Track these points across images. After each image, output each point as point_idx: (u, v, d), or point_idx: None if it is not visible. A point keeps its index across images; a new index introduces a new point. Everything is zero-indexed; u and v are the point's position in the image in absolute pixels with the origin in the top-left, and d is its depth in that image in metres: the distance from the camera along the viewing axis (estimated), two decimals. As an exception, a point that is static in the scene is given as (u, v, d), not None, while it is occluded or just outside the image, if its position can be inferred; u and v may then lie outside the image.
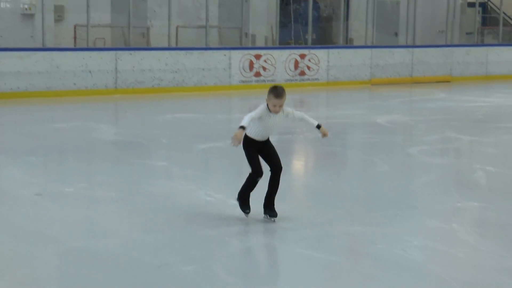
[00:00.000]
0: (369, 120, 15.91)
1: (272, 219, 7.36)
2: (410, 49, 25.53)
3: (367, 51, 24.62)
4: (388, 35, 27.59)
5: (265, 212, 7.45)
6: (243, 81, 22.19)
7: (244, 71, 22.18)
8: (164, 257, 6.38)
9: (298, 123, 8.14)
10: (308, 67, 23.35)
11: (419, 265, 6.24)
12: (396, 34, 27.72)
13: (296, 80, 23.10)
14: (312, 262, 6.26)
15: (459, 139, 13.65)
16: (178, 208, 8.17)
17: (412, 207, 8.35)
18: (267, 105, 7.19)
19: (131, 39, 21.42)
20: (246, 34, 24.84)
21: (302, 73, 23.27)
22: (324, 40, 27.01)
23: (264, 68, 22.55)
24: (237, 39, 24.21)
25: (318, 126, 7.46)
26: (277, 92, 7.15)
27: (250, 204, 7.51)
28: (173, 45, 22.77)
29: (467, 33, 29.46)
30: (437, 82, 25.25)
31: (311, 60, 23.38)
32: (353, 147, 13.34)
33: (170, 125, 15.21)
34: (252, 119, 7.09)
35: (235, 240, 6.88)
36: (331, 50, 24.04)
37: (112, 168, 10.75)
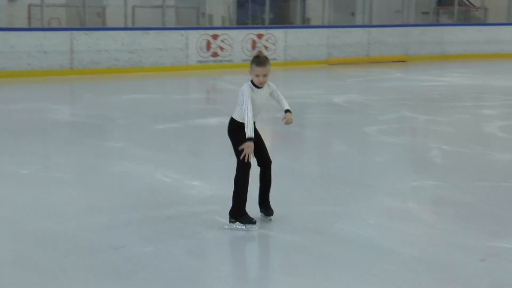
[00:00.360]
0: (326, 100, 15.96)
1: (269, 217, 6.84)
2: (367, 29, 25.63)
3: (324, 31, 24.67)
4: (344, 14, 27.66)
5: (261, 210, 6.92)
6: (200, 61, 22.10)
7: (202, 51, 22.09)
8: (122, 238, 6.34)
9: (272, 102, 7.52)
10: (266, 47, 23.33)
11: (376, 243, 6.28)
12: (352, 14, 27.81)
13: (253, 60, 23.03)
14: (271, 241, 6.27)
15: (415, 118, 13.76)
16: (135, 189, 8.13)
17: (368, 186, 8.40)
18: (251, 81, 6.64)
19: (86, 19, 21.20)
20: (203, 14, 24.73)
21: (260, 53, 23.22)
22: (282, 20, 27.01)
23: (222, 48, 22.48)
24: (194, 19, 24.12)
25: (287, 111, 6.97)
26: (259, 60, 6.58)
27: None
28: (130, 25, 22.58)
29: (423, 13, 29.63)
30: (394, 61, 25.40)
31: (269, 40, 23.36)
32: (310, 127, 13.37)
33: (127, 106, 15.10)
34: (250, 110, 6.54)
35: (192, 220, 6.86)
36: (288, 30, 24.04)
37: (68, 149, 10.65)
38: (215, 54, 22.38)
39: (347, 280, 5.43)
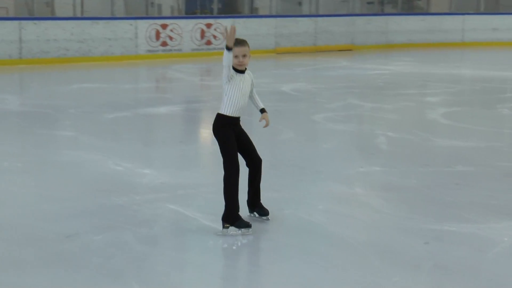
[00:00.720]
0: (274, 89, 15.98)
1: (265, 217, 6.42)
2: (314, 18, 25.74)
3: (272, 20, 24.71)
4: (292, 4, 27.74)
5: (252, 211, 6.49)
6: (149, 51, 21.98)
7: (151, 40, 21.97)
8: (73, 226, 6.30)
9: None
10: (214, 36, 23.29)
11: (324, 228, 6.33)
12: (299, 4, 27.89)
13: (202, 49, 23.02)
14: (220, 227, 6.28)
15: (361, 106, 13.87)
16: (87, 177, 8.07)
17: (317, 172, 8.45)
18: (233, 66, 6.21)
19: (35, 8, 20.92)
20: (152, 4, 24.57)
21: (209, 43, 23.20)
22: (230, 9, 26.98)
23: (171, 38, 22.38)
24: (143, 9, 23.94)
25: (262, 110, 6.57)
26: (237, 40, 6.12)
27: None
28: (79, 14, 22.35)
29: (368, 3, 29.86)
30: (340, 50, 25.56)
31: (217, 29, 23.32)
32: (258, 115, 13.35)
33: (77, 95, 14.97)
34: (229, 75, 6.12)
35: (144, 208, 6.84)
36: (236, 20, 24.02)
37: (18, 139, 10.53)
38: (164, 44, 22.27)
39: (295, 264, 5.47)
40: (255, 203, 6.47)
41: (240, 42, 6.17)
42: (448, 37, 28.28)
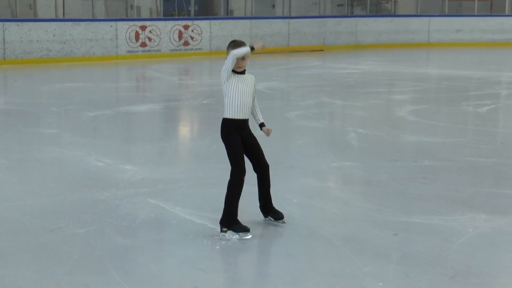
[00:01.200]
0: (249, 87, 15.94)
1: (280, 221, 6.18)
2: (287, 20, 25.76)
3: (247, 22, 24.70)
4: (265, 6, 27.72)
5: (266, 216, 6.26)
6: (129, 51, 21.89)
7: (131, 41, 21.88)
8: (57, 220, 6.27)
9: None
10: (192, 38, 23.24)
11: (298, 220, 6.34)
12: (273, 6, 27.88)
13: (180, 50, 22.97)
14: (197, 220, 6.27)
15: (333, 103, 13.90)
16: (69, 173, 8.03)
17: (290, 167, 8.47)
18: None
19: (18, 10, 20.75)
20: (132, 6, 24.46)
21: (186, 43, 23.15)
22: (206, 11, 26.89)
23: (150, 39, 22.30)
24: (123, 11, 23.82)
25: (262, 124, 6.24)
26: (236, 42, 5.95)
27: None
28: (60, 16, 22.20)
29: (338, 5, 29.90)
30: (312, 50, 25.59)
31: (194, 30, 23.27)
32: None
33: (59, 94, 14.88)
34: (228, 67, 5.88)
35: (125, 202, 6.81)
36: (213, 21, 24.00)
37: (2, 136, 10.44)
38: (143, 44, 22.19)
39: (269, 255, 5.48)
40: (268, 208, 6.24)
41: (239, 44, 5.95)
42: (415, 38, 28.41)
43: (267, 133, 6.19)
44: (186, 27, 23.10)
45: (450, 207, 6.71)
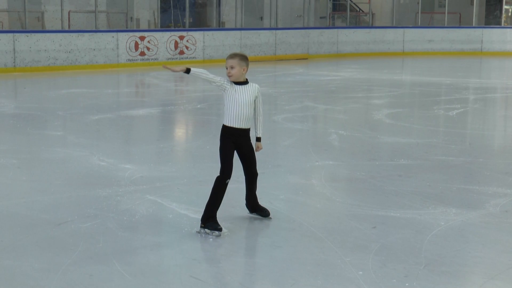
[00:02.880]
0: (239, 93, 15.93)
1: (266, 218, 6.09)
2: (274, 31, 25.76)
3: (237, 32, 24.69)
4: (254, 19, 27.74)
5: (252, 212, 6.17)
6: (129, 60, 21.84)
7: (130, 51, 21.83)
8: (63, 215, 6.23)
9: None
10: (187, 47, 23.22)
11: (284, 215, 6.33)
12: (261, 18, 27.88)
13: (176, 58, 22.94)
14: (192, 215, 6.25)
15: (316, 107, 13.90)
16: (74, 172, 7.99)
17: (277, 166, 8.45)
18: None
19: (27, 22, 20.68)
20: (131, 18, 24.43)
21: (181, 53, 23.12)
22: (200, 23, 26.90)
23: (148, 48, 22.26)
24: (124, 23, 23.79)
25: (258, 139, 6.07)
26: (230, 54, 5.96)
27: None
28: (66, 28, 22.14)
29: (320, 17, 29.96)
30: (296, 59, 25.60)
31: (189, 41, 23.24)
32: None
33: (65, 99, 14.81)
34: (206, 75, 5.97)
35: (125, 199, 6.78)
36: (206, 32, 23.98)
37: (13, 138, 10.38)
38: (142, 54, 22.14)
39: (259, 247, 5.46)
40: (254, 206, 6.13)
41: (230, 55, 5.95)
42: (390, 47, 28.47)
43: (257, 148, 6.04)
44: (181, 38, 23.06)
45: (423, 202, 6.71)
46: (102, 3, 23.58)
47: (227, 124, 5.84)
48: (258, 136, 6.03)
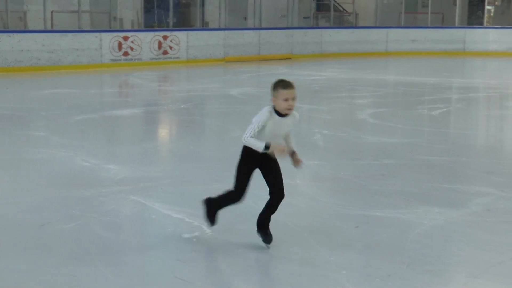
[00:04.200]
0: (223, 92, 15.96)
1: (266, 245, 5.45)
2: (258, 31, 25.77)
3: (221, 33, 24.67)
4: (238, 19, 27.72)
5: (259, 231, 5.52)
6: (113, 60, 21.76)
7: (114, 51, 21.75)
8: (46, 216, 6.20)
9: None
10: (170, 47, 23.16)
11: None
12: (245, 18, 27.87)
13: (160, 58, 22.88)
14: (175, 215, 6.24)
15: (300, 107, 13.87)
16: (57, 173, 7.95)
17: (261, 166, 8.44)
18: (273, 107, 5.19)
19: (9, 22, 20.54)
20: (115, 18, 24.35)
21: (165, 52, 23.07)
22: (184, 23, 26.86)
23: (132, 48, 22.19)
24: (107, 23, 23.69)
25: (293, 153, 5.41)
26: (285, 82, 5.13)
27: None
28: (49, 28, 22.04)
29: (304, 17, 30.01)
30: (280, 59, 25.61)
31: (173, 41, 23.19)
32: (210, 116, 13.36)
33: (48, 100, 14.74)
34: (250, 138, 5.06)
35: (109, 199, 6.76)
36: (190, 32, 23.95)
37: (-4, 138, 10.31)
38: (126, 54, 22.07)
39: (244, 246, 5.46)
40: (261, 225, 5.50)
41: (290, 84, 5.13)
42: (374, 47, 28.56)
43: (297, 162, 5.37)
44: (165, 38, 23.01)
45: (407, 201, 6.75)
46: (85, 3, 23.47)
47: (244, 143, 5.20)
48: (293, 150, 5.38)
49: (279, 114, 5.15)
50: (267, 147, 5.02)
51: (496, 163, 8.78)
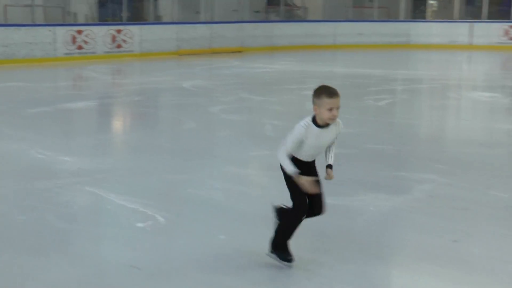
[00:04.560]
0: (177, 85, 15.88)
1: (288, 264, 4.80)
2: (209, 25, 25.69)
3: (174, 26, 24.52)
4: (190, 13, 27.56)
5: (270, 250, 4.87)
6: (67, 54, 21.45)
7: (68, 44, 21.43)
8: (0, 208, 6.09)
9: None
10: (124, 41, 22.92)
11: (222, 203, 6.33)
12: (197, 12, 27.72)
13: (113, 52, 22.62)
14: (128, 206, 6.19)
15: (251, 99, 13.92)
16: (12, 165, 7.81)
17: (214, 156, 8.45)
18: (313, 118, 4.64)
19: (-38, 16, 20.10)
20: (69, 12, 23.97)
21: (119, 46, 22.82)
22: (137, 17, 26.57)
23: (86, 42, 21.89)
24: (61, 17, 23.33)
25: (329, 166, 4.82)
26: (330, 90, 4.53)
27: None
28: (3, 22, 21.60)
29: (255, 12, 29.98)
30: (232, 52, 25.56)
31: (126, 34, 22.96)
32: (164, 108, 13.27)
33: (2, 93, 14.46)
34: (288, 152, 4.60)
35: (64, 191, 6.67)
36: (143, 26, 23.75)
37: (-51, 132, 10.08)
38: (80, 47, 21.76)
39: (198, 235, 5.45)
40: (282, 246, 4.84)
41: (335, 93, 4.53)
42: (322, 41, 28.69)
43: (329, 176, 4.81)
44: (119, 31, 22.76)
45: (355, 189, 6.81)
46: (38, -3, 23.08)
47: (296, 157, 4.68)
48: (330, 163, 4.82)
49: (319, 125, 4.58)
50: (295, 175, 4.57)
51: (439, 151, 8.92)
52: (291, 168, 4.55)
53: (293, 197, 4.69)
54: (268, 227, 5.58)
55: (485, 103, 13.22)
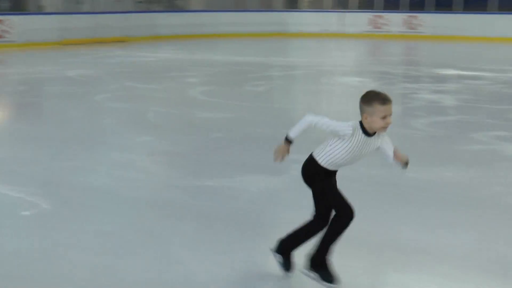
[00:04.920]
0: (62, 74, 15.47)
1: (333, 285, 4.07)
2: (94, 15, 25.17)
3: (57, 16, 23.87)
4: (73, 3, 26.86)
5: (310, 268, 4.14)
6: None
7: None
8: None
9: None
10: (6, 31, 22.05)
11: (109, 189, 6.27)
12: (77, 2, 27.05)
13: (-5, 42, 21.76)
14: (13, 195, 6.02)
15: (135, 87, 13.77)
16: None
17: (99, 143, 8.33)
18: (360, 123, 3.93)
19: None
20: None
21: (1, 37, 21.93)
22: (19, 7, 25.62)
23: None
24: None
25: (395, 152, 4.08)
26: (381, 96, 3.83)
27: None
28: None
29: (138, 2, 29.58)
30: (116, 41, 25.15)
31: (8, 25, 22.09)
32: (50, 97, 12.90)
33: None
34: (315, 123, 4.23)
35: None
36: (25, 16, 22.98)
37: None
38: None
39: (86, 220, 5.38)
40: (323, 263, 4.12)
41: (388, 99, 3.85)
42: (203, 30, 28.72)
43: (403, 160, 4.06)
44: (0, 22, 21.86)
45: (235, 171, 6.91)
46: None
47: (325, 166, 4.08)
48: (393, 151, 4.10)
49: (367, 132, 3.93)
50: (285, 140, 4.27)
51: (312, 133, 9.16)
52: (295, 131, 4.21)
53: (335, 204, 4.01)
54: (153, 211, 5.59)
55: (355, 88, 13.68)
